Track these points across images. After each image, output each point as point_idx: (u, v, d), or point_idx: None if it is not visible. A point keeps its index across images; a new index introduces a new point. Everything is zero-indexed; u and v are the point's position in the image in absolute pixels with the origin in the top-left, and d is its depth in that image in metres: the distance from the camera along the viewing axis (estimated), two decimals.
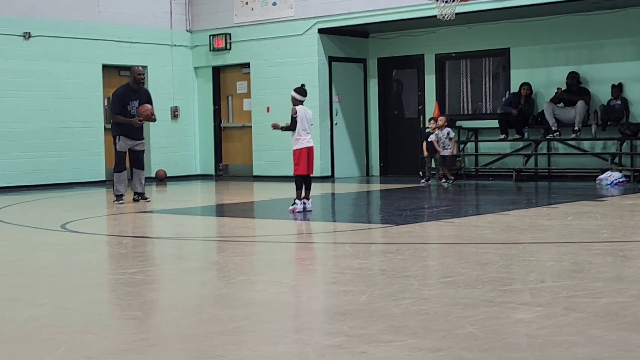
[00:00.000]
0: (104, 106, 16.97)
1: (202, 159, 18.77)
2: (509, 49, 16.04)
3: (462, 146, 16.46)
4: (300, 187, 10.37)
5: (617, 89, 14.63)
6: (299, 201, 10.35)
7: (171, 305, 5.18)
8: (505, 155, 16.03)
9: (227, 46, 17.95)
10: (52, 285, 5.98)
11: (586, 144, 15.24)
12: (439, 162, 14.96)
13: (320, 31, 16.77)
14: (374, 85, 17.83)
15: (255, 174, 17.72)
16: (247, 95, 18.14)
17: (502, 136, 15.67)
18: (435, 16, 14.03)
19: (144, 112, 12.17)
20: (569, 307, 4.69)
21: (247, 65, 17.90)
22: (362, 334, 4.23)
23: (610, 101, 14.71)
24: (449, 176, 14.62)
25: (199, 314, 4.86)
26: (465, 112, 16.75)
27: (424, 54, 17.06)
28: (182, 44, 18.37)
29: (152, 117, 12.32)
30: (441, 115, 15.24)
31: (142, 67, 12.78)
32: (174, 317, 4.82)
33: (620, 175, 13.73)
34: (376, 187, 15.23)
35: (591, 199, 11.46)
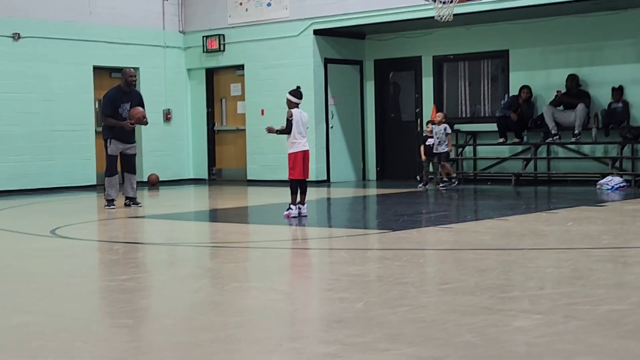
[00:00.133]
0: (95, 109, 16.95)
1: (195, 163, 18.76)
2: (507, 51, 16.07)
3: (460, 150, 16.49)
4: (295, 191, 10.37)
5: (618, 92, 14.66)
6: (294, 206, 10.36)
7: (163, 312, 5.18)
8: (504, 159, 16.05)
9: (221, 47, 17.95)
10: (41, 292, 5.97)
11: (586, 148, 15.27)
12: (428, 164, 14.95)
13: (315, 32, 16.78)
14: (370, 87, 17.84)
15: (249, 178, 17.72)
16: (241, 97, 18.14)
17: (501, 140, 15.69)
18: (432, 17, 14.04)
19: (135, 115, 12.17)
20: (569, 314, 4.70)
21: (241, 67, 17.90)
22: (358, 342, 4.23)
23: (611, 104, 14.74)
24: (451, 175, 14.58)
25: (192, 322, 4.86)
26: (463, 115, 16.77)
27: (421, 56, 17.08)
28: (174, 45, 18.37)
29: (144, 120, 12.32)
30: (438, 112, 15.23)
31: (133, 69, 12.78)
32: (166, 324, 4.82)
33: (621, 179, 13.76)
34: (373, 191, 15.23)
35: (592, 204, 11.48)
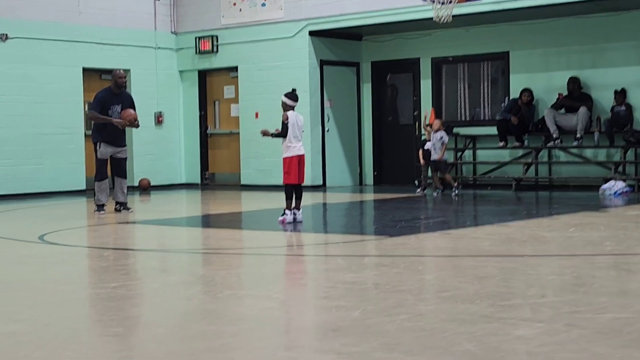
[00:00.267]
0: (85, 111, 16.94)
1: (187, 167, 18.75)
2: (508, 53, 16.10)
3: (459, 154, 16.50)
4: (290, 196, 10.37)
5: (621, 95, 14.68)
6: (289, 212, 10.35)
7: (155, 321, 5.17)
8: (504, 163, 16.06)
9: (214, 49, 17.96)
10: (29, 300, 5.96)
11: (589, 152, 15.29)
12: (427, 169, 14.95)
13: (311, 33, 16.79)
14: (367, 90, 17.86)
15: (243, 183, 17.71)
16: (235, 100, 18.14)
17: (501, 144, 15.71)
18: (431, 18, 14.06)
19: (127, 117, 12.17)
20: (571, 323, 4.70)
21: (235, 69, 17.91)
22: (355, 351, 4.23)
23: (614, 107, 14.77)
24: (450, 185, 14.57)
25: (184, 331, 4.86)
26: (462, 119, 16.79)
27: (419, 58, 17.10)
28: (166, 47, 18.37)
29: (135, 123, 12.32)
30: (436, 118, 15.21)
31: (124, 71, 12.78)
32: (157, 333, 4.81)
33: (624, 184, 13.78)
34: (369, 196, 15.24)
35: (594, 209, 11.50)
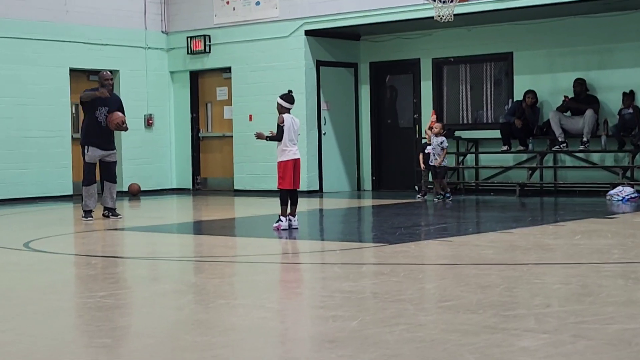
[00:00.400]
0: (72, 113, 16.95)
1: (178, 172, 18.75)
2: (511, 54, 16.12)
3: (461, 158, 16.51)
4: (285, 202, 10.36)
5: (629, 97, 14.69)
6: (284, 218, 10.35)
7: (144, 331, 5.16)
8: (507, 168, 16.07)
9: (206, 49, 17.96)
10: (13, 310, 5.94)
11: (595, 157, 15.30)
12: (427, 174, 14.94)
13: (307, 33, 16.80)
14: (365, 92, 17.87)
15: (236, 188, 17.71)
16: (228, 102, 18.15)
17: (505, 148, 15.71)
18: (432, 17, 14.08)
19: (114, 120, 12.15)
20: (577, 334, 4.70)
21: (228, 69, 17.91)
22: None
23: (621, 110, 14.78)
24: (444, 191, 14.57)
25: (175, 341, 4.85)
26: (464, 122, 16.80)
27: (419, 59, 17.12)
28: (157, 47, 18.37)
29: (123, 126, 12.30)
30: (437, 122, 15.18)
31: (110, 72, 12.76)
32: (147, 344, 4.80)
33: (632, 190, 13.79)
34: (368, 202, 15.24)
35: (601, 216, 11.50)
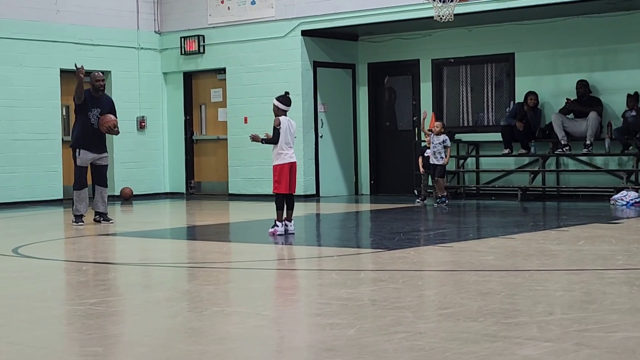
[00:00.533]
0: (62, 115, 16.93)
1: (171, 176, 18.74)
2: (513, 54, 16.13)
3: (461, 162, 16.52)
4: (281, 207, 10.36)
5: (633, 99, 14.69)
6: (280, 223, 10.34)
7: (136, 340, 5.16)
8: (509, 172, 16.08)
9: (200, 49, 17.97)
10: (1, 317, 5.94)
11: (599, 160, 15.31)
12: (427, 178, 14.90)
13: (304, 33, 16.81)
14: (363, 93, 17.88)
15: (231, 192, 17.71)
16: (223, 104, 18.15)
17: (506, 151, 15.73)
18: (431, 17, 14.09)
19: (106, 123, 12.15)
20: (580, 342, 4.70)
21: (223, 70, 17.92)
22: None
23: (625, 113, 14.78)
24: (442, 193, 14.55)
25: (168, 350, 4.84)
26: (465, 124, 16.81)
27: (419, 59, 17.13)
28: (149, 47, 18.37)
29: (114, 130, 12.30)
30: (437, 121, 15.13)
31: (102, 73, 12.76)
32: (139, 353, 4.80)
33: (637, 194, 13.79)
34: (366, 207, 15.24)
35: (605, 221, 11.51)
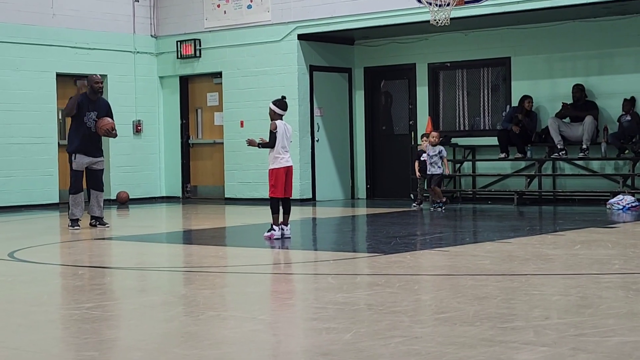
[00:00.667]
0: (58, 119, 16.92)
1: (167, 180, 18.73)
2: (509, 59, 16.15)
3: (457, 166, 16.53)
4: (276, 211, 10.34)
5: (628, 103, 14.69)
6: (277, 227, 10.33)
7: (132, 344, 5.15)
8: (505, 176, 16.09)
9: (197, 53, 17.97)
10: None
11: (595, 164, 15.33)
12: (423, 182, 14.89)
13: (300, 37, 16.82)
14: (360, 97, 17.88)
15: (227, 196, 17.70)
16: (219, 108, 18.14)
17: (502, 155, 15.74)
18: (428, 21, 14.10)
19: (103, 126, 12.13)
20: (576, 347, 4.70)
21: (219, 74, 17.91)
22: None
23: (620, 117, 14.79)
24: (439, 199, 14.56)
25: (164, 355, 4.84)
26: (461, 128, 16.81)
27: (415, 64, 17.14)
28: (145, 51, 18.37)
29: (112, 132, 12.29)
30: (434, 130, 15.17)
31: (100, 76, 12.76)
32: (135, 357, 4.80)
33: (633, 199, 13.81)
34: (362, 211, 15.24)
35: (601, 225, 11.52)
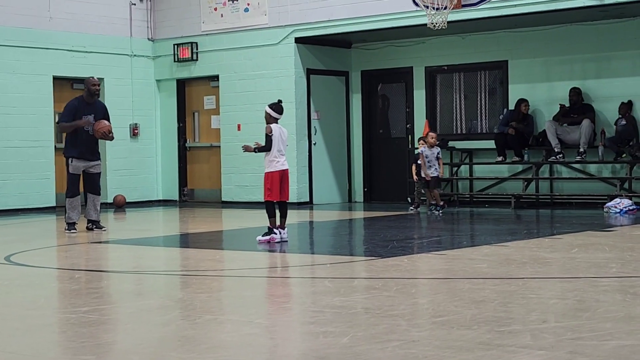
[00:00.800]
0: (55, 123, 16.91)
1: (164, 183, 18.72)
2: (506, 62, 16.16)
3: (455, 169, 16.53)
4: (273, 214, 10.33)
5: (624, 107, 14.69)
6: (276, 230, 10.31)
7: (129, 348, 5.15)
8: (502, 179, 16.10)
9: (194, 56, 17.97)
10: None
11: (592, 168, 15.33)
12: (422, 185, 14.86)
13: (297, 40, 16.82)
14: (357, 101, 17.89)
15: (224, 199, 17.69)
16: (216, 111, 18.15)
17: (500, 158, 15.74)
18: (425, 25, 14.08)
19: (100, 129, 12.13)
20: (574, 350, 4.71)
21: (216, 78, 17.92)
22: None
23: (617, 120, 14.79)
24: (439, 203, 14.57)
25: (161, 359, 4.83)
26: (458, 132, 16.82)
27: (412, 67, 17.15)
28: (142, 54, 18.37)
29: (109, 135, 12.29)
30: (431, 131, 15.09)
31: (97, 78, 12.76)
32: None
33: (630, 202, 13.81)
34: (359, 214, 15.24)
35: (598, 228, 11.52)
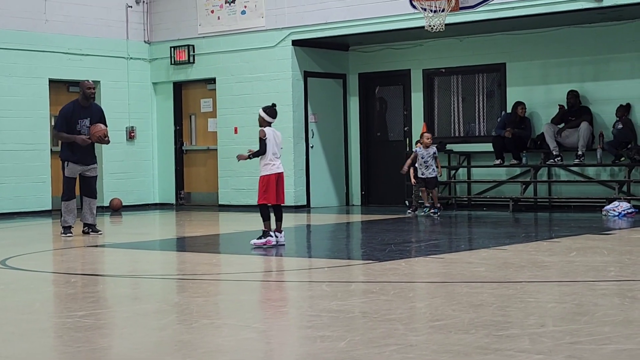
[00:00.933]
0: (51, 126, 16.90)
1: (161, 186, 18.71)
2: (504, 65, 16.17)
3: (453, 172, 16.53)
4: (267, 217, 10.31)
5: (621, 110, 14.69)
6: (272, 234, 10.31)
7: (125, 353, 5.15)
8: (500, 182, 16.11)
9: (190, 59, 17.97)
10: None
11: (591, 171, 15.34)
12: (420, 184, 14.82)
13: (294, 43, 16.83)
14: (354, 103, 17.89)
15: (221, 203, 17.69)
16: (213, 114, 18.14)
17: (498, 161, 15.75)
18: (423, 27, 14.10)
19: (96, 132, 12.12)
20: (572, 354, 4.71)
21: (213, 80, 17.92)
22: None
23: (615, 124, 14.79)
24: (436, 204, 14.57)
25: None
26: (456, 135, 16.83)
27: (410, 70, 17.16)
28: (139, 57, 18.36)
29: (105, 139, 12.28)
30: (426, 132, 15.06)
31: (92, 81, 12.75)
32: None
33: (629, 205, 13.82)
34: (357, 218, 15.24)
35: (597, 232, 11.52)
